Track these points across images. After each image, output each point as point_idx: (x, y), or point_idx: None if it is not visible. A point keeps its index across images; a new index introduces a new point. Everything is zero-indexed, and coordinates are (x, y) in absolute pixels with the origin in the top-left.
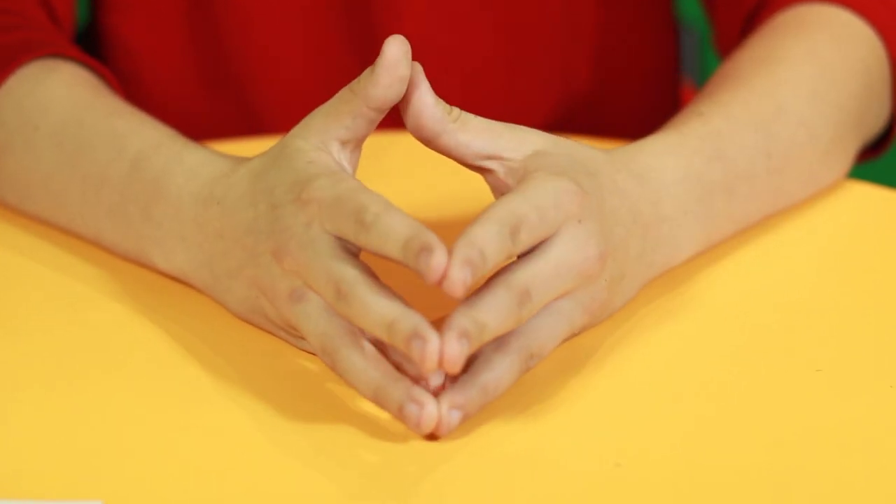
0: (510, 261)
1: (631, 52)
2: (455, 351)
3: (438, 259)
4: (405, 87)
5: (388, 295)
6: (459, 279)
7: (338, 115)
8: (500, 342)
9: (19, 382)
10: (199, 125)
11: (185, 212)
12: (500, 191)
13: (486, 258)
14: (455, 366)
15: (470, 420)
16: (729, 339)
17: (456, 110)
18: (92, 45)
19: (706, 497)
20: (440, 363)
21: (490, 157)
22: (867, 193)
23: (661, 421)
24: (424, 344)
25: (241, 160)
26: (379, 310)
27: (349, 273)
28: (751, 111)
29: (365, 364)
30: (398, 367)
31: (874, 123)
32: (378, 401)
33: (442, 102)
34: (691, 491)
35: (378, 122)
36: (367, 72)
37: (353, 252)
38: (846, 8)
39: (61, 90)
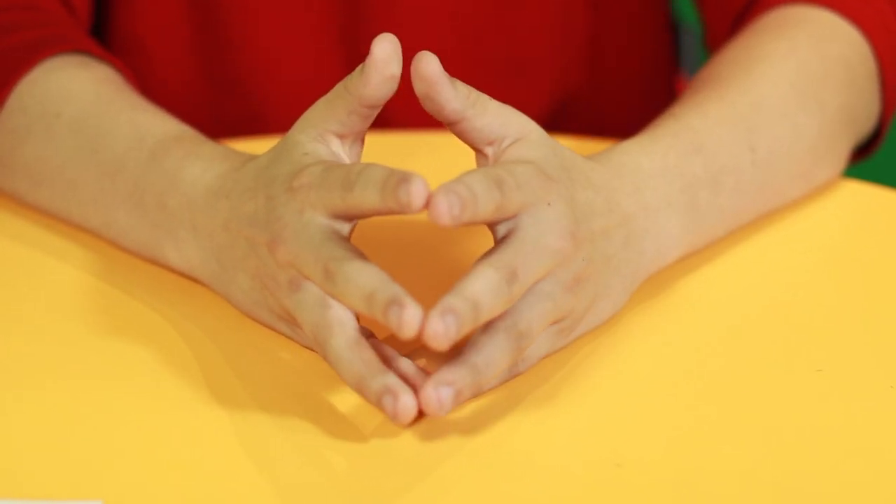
0: (500, 215)
1: (624, 52)
2: (438, 327)
3: (417, 184)
4: (396, 85)
5: (371, 270)
6: (444, 206)
7: (333, 110)
8: (487, 325)
9: (19, 382)
10: (203, 123)
11: (197, 202)
12: None
13: (475, 196)
14: (439, 342)
15: (469, 420)
16: (729, 340)
17: (474, 94)
18: (98, 41)
19: (707, 498)
20: (425, 339)
21: (491, 143)
22: (863, 192)
23: (661, 422)
24: (401, 310)
25: (253, 157)
26: (361, 283)
27: (337, 253)
28: (727, 107)
29: (350, 355)
30: (386, 362)
31: (865, 121)
32: (360, 392)
33: (461, 88)
34: (692, 492)
35: (373, 118)
36: (358, 70)
37: (344, 237)
38: (829, 9)
39: (87, 83)
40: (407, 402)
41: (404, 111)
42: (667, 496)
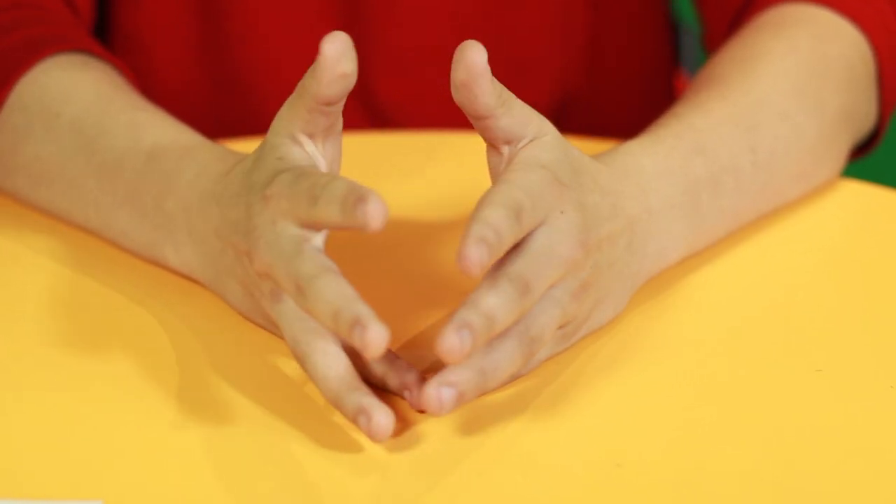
0: (517, 241)
1: (624, 52)
2: (455, 343)
3: (374, 204)
4: (349, 83)
5: (340, 287)
6: (476, 257)
7: (296, 110)
8: None
9: (19, 382)
10: (204, 122)
11: (192, 206)
12: (493, 170)
13: (501, 238)
14: (454, 357)
15: (470, 421)
16: (729, 340)
17: (505, 93)
18: (100, 40)
19: (707, 498)
20: (440, 354)
21: (509, 142)
22: (863, 192)
23: (661, 422)
24: (363, 331)
25: (243, 158)
26: (328, 300)
27: (307, 269)
28: (729, 106)
29: (326, 372)
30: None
31: (864, 120)
32: (337, 408)
33: (497, 87)
34: (692, 492)
35: (337, 114)
36: (311, 69)
37: (317, 247)
38: (829, 7)
39: (86, 82)
40: (380, 422)
41: (405, 111)
42: (667, 496)
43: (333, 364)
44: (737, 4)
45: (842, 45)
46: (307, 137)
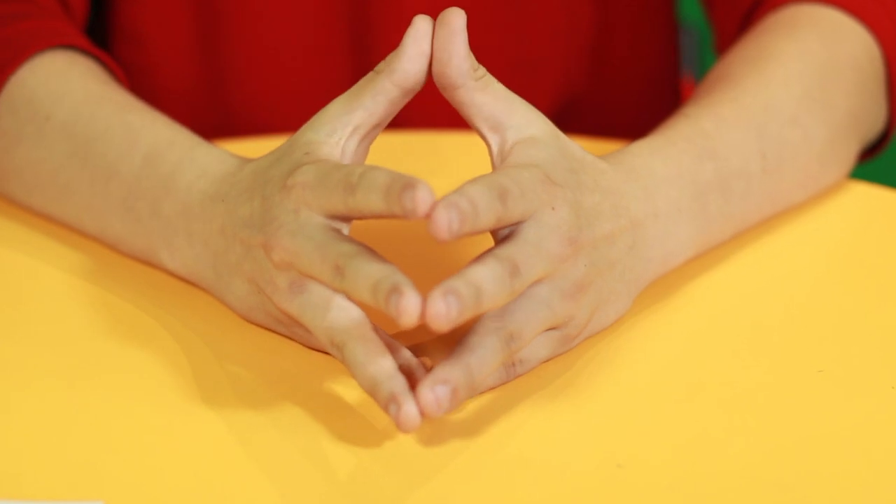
0: (501, 225)
1: (629, 53)
2: (440, 308)
3: (423, 191)
4: (427, 64)
5: (381, 262)
6: (444, 220)
7: (358, 96)
8: (476, 326)
9: (19, 382)
10: (204, 120)
11: (193, 208)
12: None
13: (477, 210)
14: (439, 323)
15: (471, 421)
16: (731, 340)
17: (482, 70)
18: (98, 37)
19: (708, 498)
20: (425, 320)
21: (494, 129)
22: (868, 193)
23: (662, 422)
24: (399, 298)
25: (251, 160)
26: (369, 274)
27: (346, 249)
28: (740, 110)
29: (365, 359)
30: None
31: (872, 124)
32: (372, 396)
33: (472, 58)
34: (693, 492)
35: (397, 109)
36: (393, 52)
37: (345, 234)
38: (839, 8)
39: (74, 82)
40: (409, 412)
41: (407, 110)
42: (668, 496)
43: (372, 351)
44: (746, 5)
45: (851, 46)
46: (351, 131)
